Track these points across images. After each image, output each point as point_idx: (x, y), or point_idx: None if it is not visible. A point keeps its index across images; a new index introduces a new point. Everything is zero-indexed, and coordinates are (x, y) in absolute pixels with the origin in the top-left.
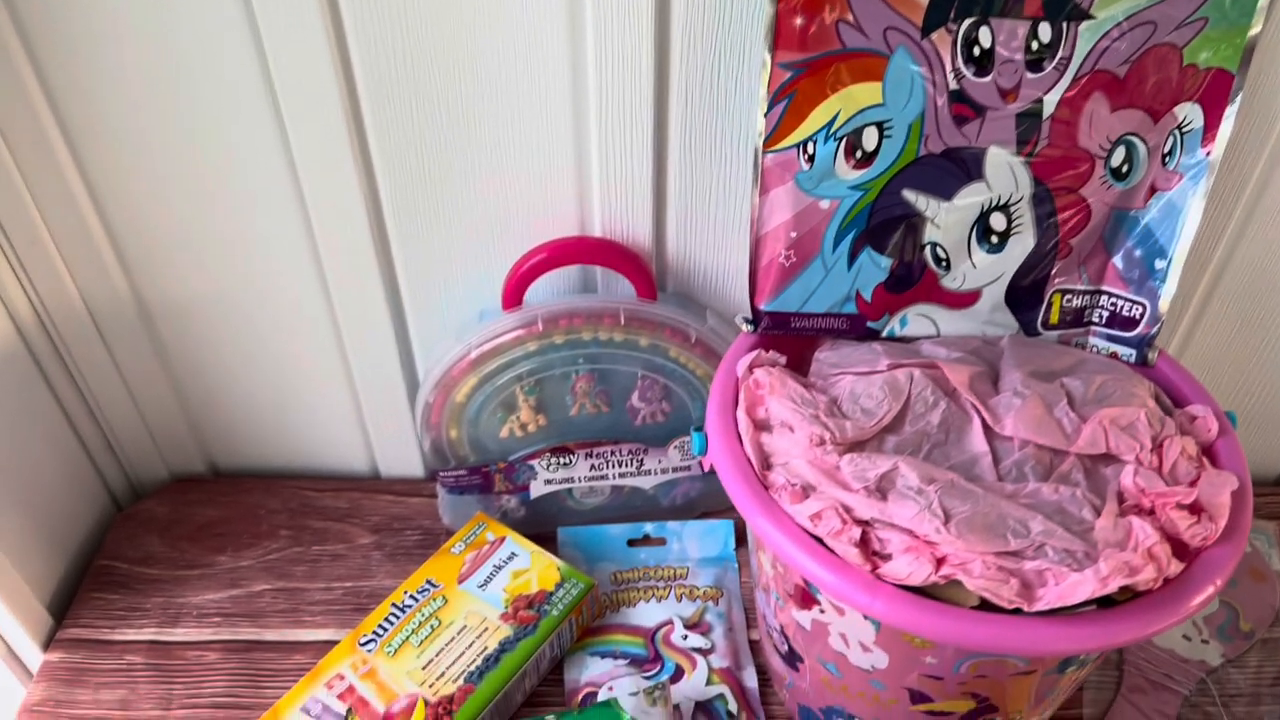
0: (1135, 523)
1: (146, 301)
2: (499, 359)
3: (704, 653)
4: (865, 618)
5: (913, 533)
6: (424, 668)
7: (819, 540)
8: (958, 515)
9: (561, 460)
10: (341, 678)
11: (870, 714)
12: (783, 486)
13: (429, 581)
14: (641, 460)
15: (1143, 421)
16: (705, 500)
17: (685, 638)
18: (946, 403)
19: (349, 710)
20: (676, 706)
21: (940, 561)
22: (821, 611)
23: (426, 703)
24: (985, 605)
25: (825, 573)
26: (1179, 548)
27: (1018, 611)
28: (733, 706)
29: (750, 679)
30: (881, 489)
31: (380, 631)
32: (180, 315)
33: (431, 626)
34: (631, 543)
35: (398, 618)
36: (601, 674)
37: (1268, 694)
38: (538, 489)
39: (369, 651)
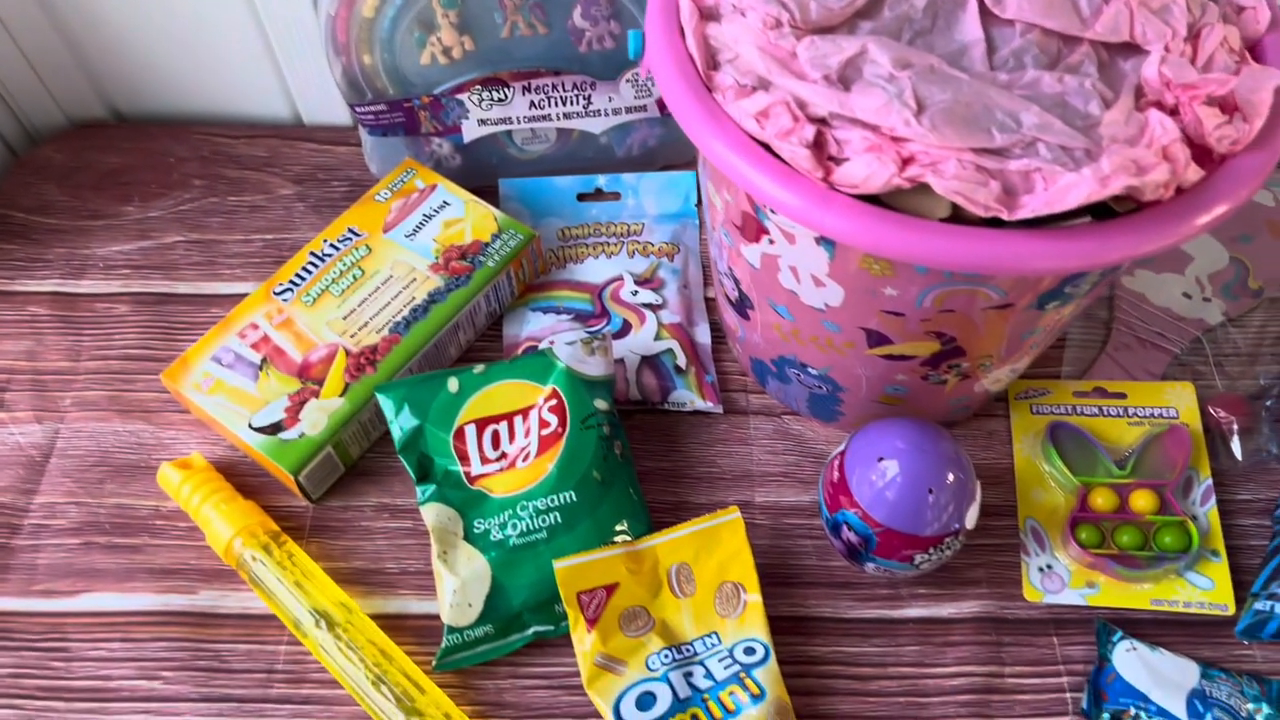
0: (1154, 115)
1: None
2: None
3: (654, 308)
4: (818, 242)
5: (878, 129)
6: (345, 318)
7: (769, 150)
8: (934, 105)
9: (495, 95)
10: (255, 327)
11: (823, 362)
12: (730, 87)
13: (351, 230)
14: (589, 97)
15: (1180, 4)
16: (666, 151)
17: (635, 293)
18: None
19: (264, 359)
20: (621, 360)
21: (907, 162)
22: (771, 242)
23: (348, 352)
24: (958, 218)
25: (770, 182)
26: (1202, 155)
27: (997, 224)
28: (681, 361)
29: (703, 335)
30: (845, 78)
31: (297, 281)
32: None
33: (354, 276)
34: (582, 197)
35: (316, 267)
36: (543, 329)
37: (1267, 353)
38: (471, 130)
39: (285, 301)
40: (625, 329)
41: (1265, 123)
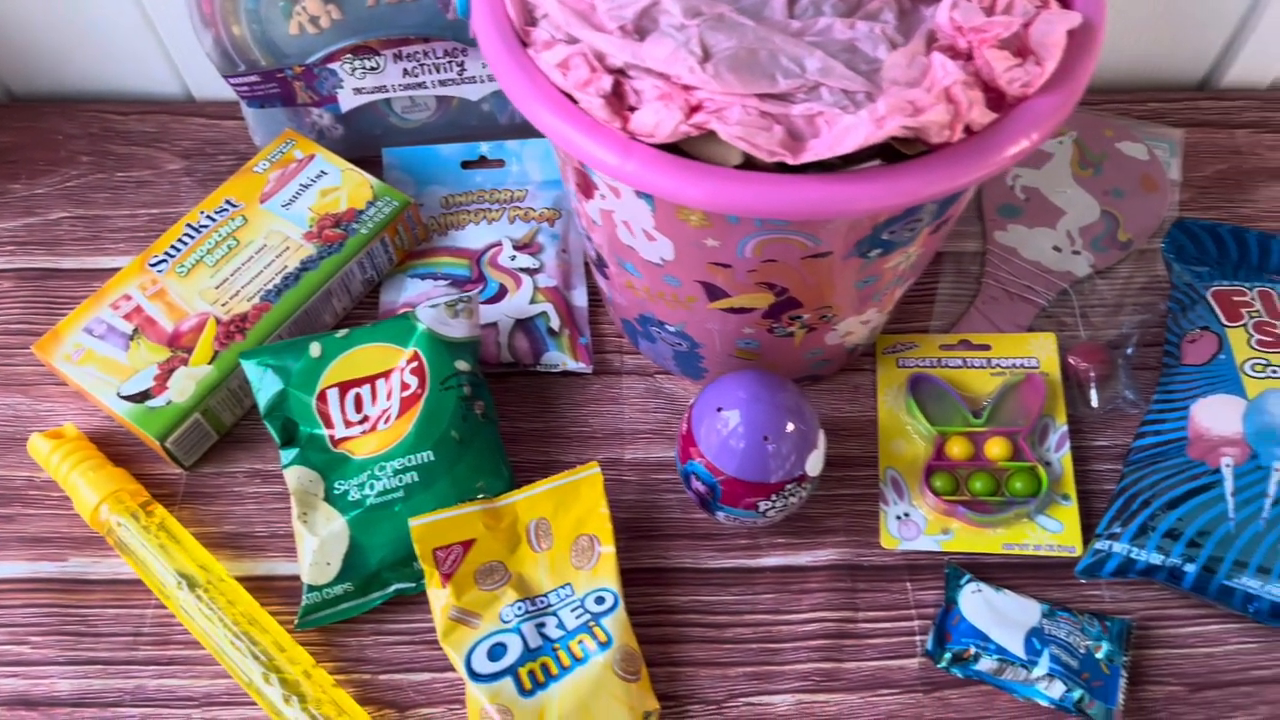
0: (937, 59)
1: None
2: None
3: (531, 272)
4: (638, 195)
5: (668, 77)
6: (217, 287)
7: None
8: (719, 52)
9: (367, 63)
10: (128, 298)
11: (677, 318)
12: (545, 42)
13: (228, 201)
14: (462, 64)
15: None
16: None
17: (513, 258)
18: None
19: (135, 330)
20: (494, 324)
21: (695, 109)
22: (603, 198)
23: (218, 321)
24: (753, 165)
25: (576, 134)
26: (1000, 99)
27: (794, 170)
28: (555, 324)
29: (579, 298)
30: (643, 28)
31: (173, 252)
32: None
33: (228, 246)
34: (466, 165)
35: (192, 238)
36: (419, 295)
37: (1131, 303)
38: (348, 100)
39: (159, 272)
40: (501, 293)
41: (1060, 65)
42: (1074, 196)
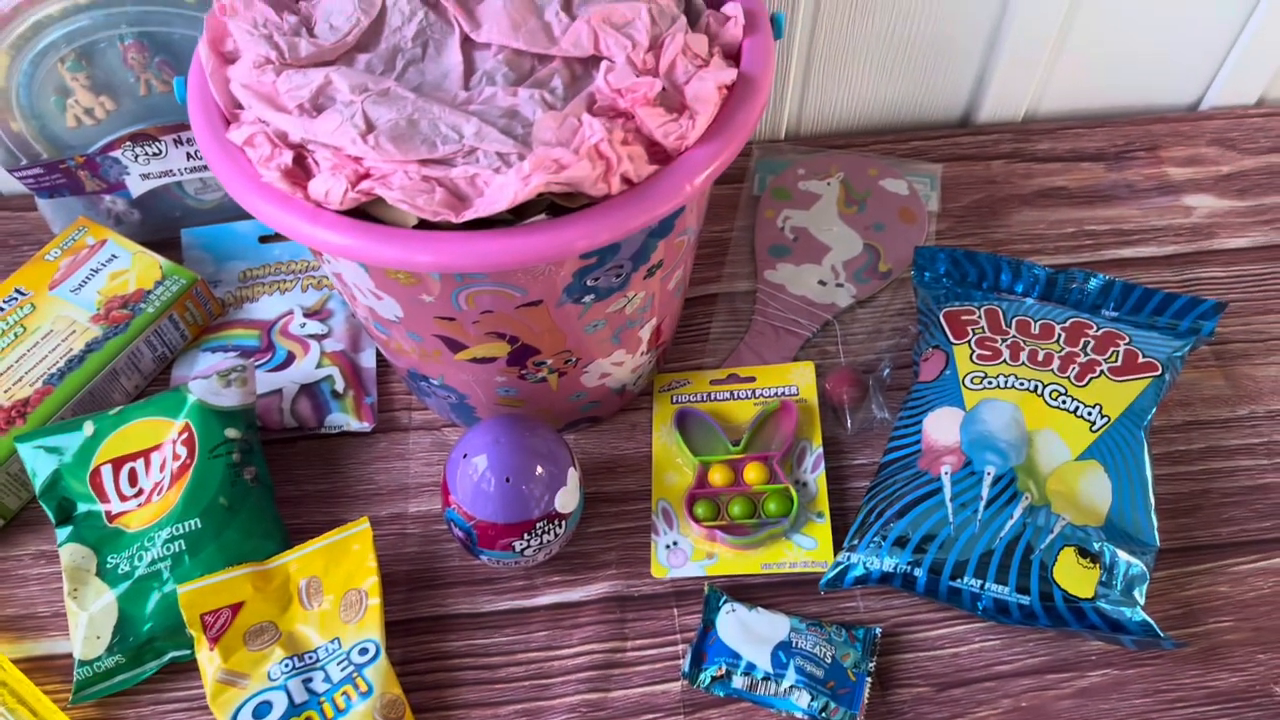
0: (586, 119)
1: None
2: (20, 25)
3: (320, 338)
4: (355, 261)
5: (339, 150)
6: (1, 374)
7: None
8: (381, 124)
9: (149, 149)
10: None
11: (435, 372)
12: (248, 123)
13: (17, 290)
14: None
15: (643, 19)
16: None
17: (303, 325)
18: (425, 12)
19: None
20: (279, 390)
21: (364, 177)
22: (328, 261)
23: (1, 407)
24: (429, 225)
25: (267, 206)
26: (665, 152)
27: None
28: (339, 386)
29: (368, 360)
30: (319, 106)
31: None
32: None
33: (15, 334)
34: (264, 239)
35: None
36: (210, 368)
37: (888, 328)
38: (137, 185)
39: None
40: (289, 360)
41: (719, 117)
42: (839, 233)
